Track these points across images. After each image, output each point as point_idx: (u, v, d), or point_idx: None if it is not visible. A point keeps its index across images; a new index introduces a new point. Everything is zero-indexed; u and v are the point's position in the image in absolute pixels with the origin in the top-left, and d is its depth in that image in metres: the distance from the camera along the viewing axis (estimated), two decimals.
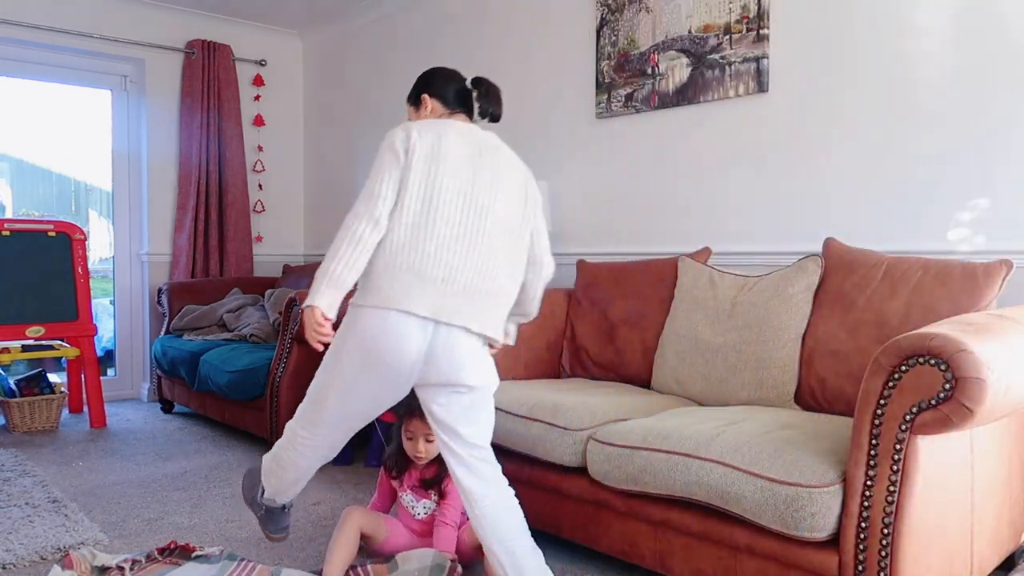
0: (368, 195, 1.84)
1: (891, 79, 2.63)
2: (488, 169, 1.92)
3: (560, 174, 3.69)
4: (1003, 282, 2.13)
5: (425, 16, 4.43)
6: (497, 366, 1.98)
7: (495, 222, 1.88)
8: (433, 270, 1.80)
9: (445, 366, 1.82)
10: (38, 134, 4.90)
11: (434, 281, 1.79)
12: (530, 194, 2.01)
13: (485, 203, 1.88)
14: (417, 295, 1.78)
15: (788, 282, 2.46)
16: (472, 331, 1.82)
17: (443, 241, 1.81)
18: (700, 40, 3.10)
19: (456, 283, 1.81)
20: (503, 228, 1.90)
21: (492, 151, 1.96)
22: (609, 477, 2.09)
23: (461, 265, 1.82)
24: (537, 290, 2.07)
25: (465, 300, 1.81)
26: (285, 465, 2.05)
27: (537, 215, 2.02)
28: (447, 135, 1.90)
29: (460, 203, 1.85)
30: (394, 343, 1.78)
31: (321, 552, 2.41)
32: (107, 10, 4.62)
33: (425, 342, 1.79)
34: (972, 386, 1.51)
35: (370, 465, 3.36)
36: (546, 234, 2.07)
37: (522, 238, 1.95)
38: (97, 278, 4.92)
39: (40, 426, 4.03)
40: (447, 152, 1.87)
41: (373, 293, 1.80)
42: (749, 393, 2.41)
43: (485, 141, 1.98)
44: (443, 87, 2.12)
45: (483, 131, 2.02)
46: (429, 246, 1.81)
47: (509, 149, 2.04)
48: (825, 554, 1.71)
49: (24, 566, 2.30)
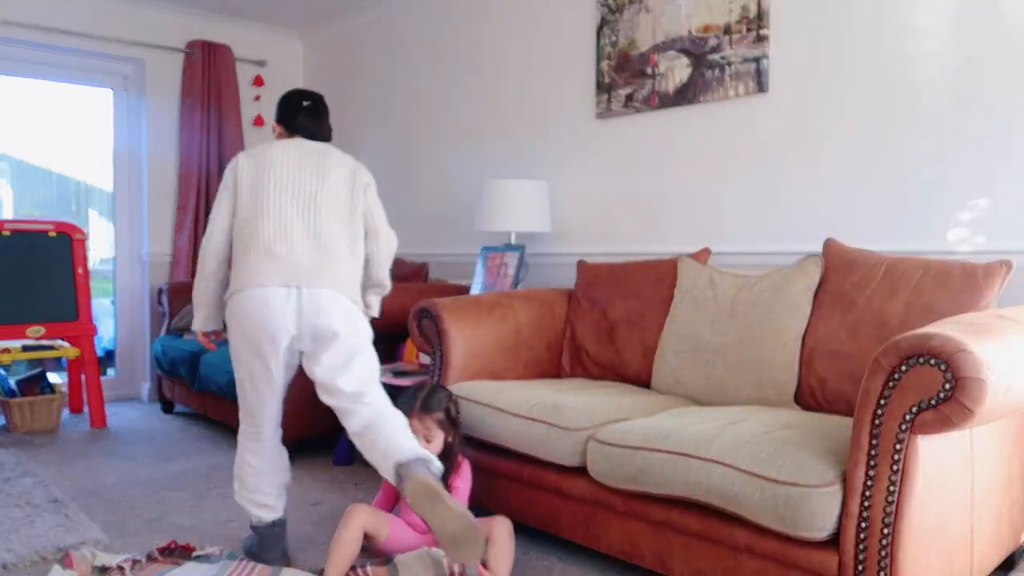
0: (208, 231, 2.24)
1: (891, 79, 2.63)
2: (312, 165, 2.24)
3: (560, 174, 3.69)
4: (1003, 282, 2.13)
5: (425, 16, 4.43)
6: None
7: (324, 202, 2.19)
8: (276, 246, 2.11)
9: (312, 318, 2.09)
10: (38, 134, 4.90)
11: (279, 255, 2.10)
12: (358, 179, 2.30)
13: (312, 189, 2.20)
14: (268, 270, 2.08)
15: (788, 282, 2.46)
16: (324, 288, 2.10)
17: (280, 222, 2.13)
18: (700, 40, 3.10)
19: (297, 253, 2.11)
20: (333, 206, 2.21)
21: (316, 153, 2.28)
22: (609, 477, 2.09)
23: (301, 239, 2.13)
24: (381, 258, 2.35)
25: (310, 266, 2.11)
26: (243, 467, 2.28)
27: (367, 195, 2.32)
28: (271, 150, 2.26)
29: (289, 192, 2.18)
30: (262, 313, 2.07)
31: (322, 552, 2.41)
32: (107, 10, 4.62)
33: (289, 304, 2.08)
34: (972, 386, 1.51)
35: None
36: (380, 210, 2.35)
37: (354, 213, 2.25)
38: (97, 278, 4.91)
39: (40, 426, 4.03)
40: (271, 161, 2.22)
41: (233, 281, 2.14)
42: (749, 393, 2.41)
43: (310, 147, 2.30)
44: (283, 113, 2.41)
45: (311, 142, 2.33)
46: (268, 229, 2.12)
47: (339, 152, 2.34)
48: (825, 554, 1.71)
49: (24, 566, 2.30)
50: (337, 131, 5.08)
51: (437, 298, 2.89)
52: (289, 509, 2.81)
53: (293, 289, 2.08)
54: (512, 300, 3.00)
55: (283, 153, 2.24)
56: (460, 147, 4.24)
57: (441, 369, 2.74)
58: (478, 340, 2.80)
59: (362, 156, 4.90)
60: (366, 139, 4.88)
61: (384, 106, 4.74)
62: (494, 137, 4.04)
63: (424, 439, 2.28)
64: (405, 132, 4.60)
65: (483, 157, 4.10)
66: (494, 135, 4.04)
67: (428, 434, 2.29)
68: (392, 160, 4.69)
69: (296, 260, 2.11)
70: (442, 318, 2.74)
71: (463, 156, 4.23)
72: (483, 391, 2.55)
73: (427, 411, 2.30)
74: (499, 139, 4.01)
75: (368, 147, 4.87)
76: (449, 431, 2.34)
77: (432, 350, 2.79)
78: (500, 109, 4.00)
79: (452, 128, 4.29)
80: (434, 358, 2.78)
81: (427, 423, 2.29)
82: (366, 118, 4.88)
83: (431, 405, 2.32)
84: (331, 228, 2.19)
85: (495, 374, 2.84)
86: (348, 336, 2.14)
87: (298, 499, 2.94)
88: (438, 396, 2.36)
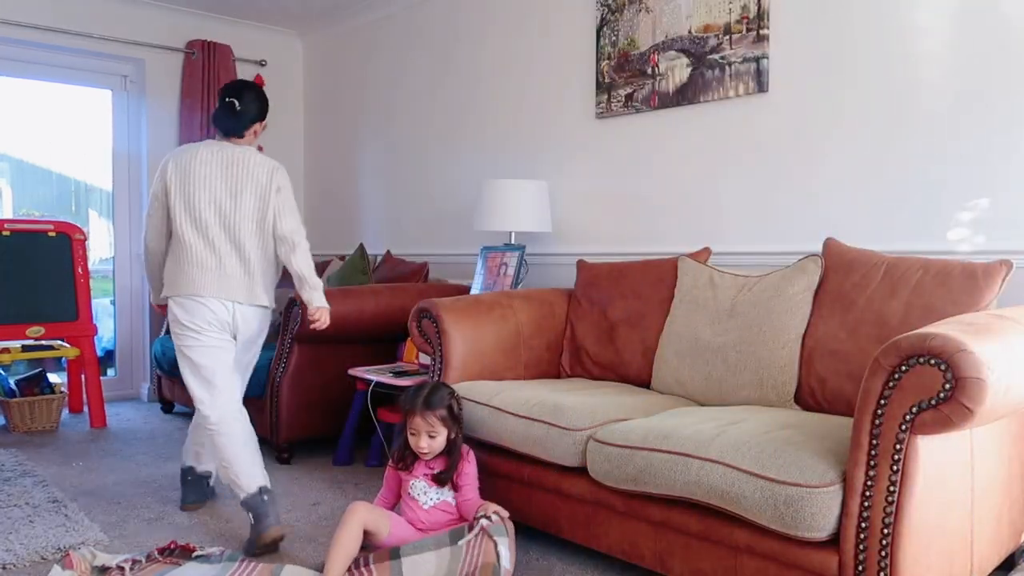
0: (146, 233, 2.68)
1: (891, 79, 2.63)
2: (232, 179, 2.58)
3: (560, 174, 3.69)
4: (1003, 282, 2.13)
5: (425, 16, 4.43)
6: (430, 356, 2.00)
7: (241, 218, 2.57)
8: (208, 261, 2.55)
9: (242, 327, 2.61)
10: (38, 134, 4.90)
11: (211, 269, 2.55)
12: (271, 188, 2.60)
13: (230, 206, 2.57)
14: (201, 283, 2.54)
15: (788, 282, 2.46)
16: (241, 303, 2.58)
17: (208, 239, 2.56)
18: (700, 40, 3.10)
19: (227, 270, 2.56)
20: (248, 223, 2.58)
21: (235, 165, 2.60)
22: (609, 477, 2.09)
23: (228, 254, 2.56)
24: (293, 264, 2.61)
25: (235, 281, 2.56)
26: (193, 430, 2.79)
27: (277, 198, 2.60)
28: (195, 160, 2.58)
29: (214, 211, 2.56)
30: (198, 319, 2.54)
31: (322, 551, 2.41)
32: (107, 10, 4.62)
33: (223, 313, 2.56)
34: (972, 386, 1.51)
35: (370, 465, 3.36)
36: (289, 215, 2.62)
37: (262, 225, 2.59)
38: (97, 278, 4.91)
39: (40, 426, 4.03)
40: (196, 175, 2.57)
41: (173, 286, 2.58)
42: (749, 393, 2.41)
43: (230, 158, 2.61)
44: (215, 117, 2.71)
45: (233, 146, 2.64)
46: (199, 244, 2.55)
47: (257, 155, 2.64)
48: (825, 554, 1.71)
49: (24, 566, 2.30)
50: (337, 131, 5.10)
51: (437, 298, 2.89)
52: (289, 509, 2.82)
53: (228, 303, 2.57)
54: (512, 300, 3.00)
55: (206, 165, 2.58)
56: (460, 147, 4.24)
57: (441, 369, 2.74)
58: (478, 340, 2.80)
59: (362, 156, 4.91)
60: (366, 139, 4.88)
61: (384, 106, 4.74)
62: (494, 137, 4.04)
63: (428, 435, 2.29)
64: (405, 132, 4.60)
65: (483, 157, 4.10)
66: (494, 135, 4.04)
67: (432, 431, 2.30)
68: (392, 160, 4.69)
69: (227, 276, 2.56)
70: (442, 318, 2.74)
71: (463, 156, 4.23)
72: (483, 391, 2.55)
73: (430, 408, 2.31)
74: (499, 139, 4.01)
75: (368, 147, 4.87)
76: (452, 427, 2.34)
77: (432, 350, 2.79)
78: (500, 109, 4.00)
79: (452, 128, 4.29)
80: (434, 358, 2.78)
81: (431, 420, 2.30)
82: (366, 118, 4.88)
83: (434, 402, 2.32)
84: (250, 244, 2.59)
85: (495, 374, 2.84)
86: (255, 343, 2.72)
87: (298, 499, 2.94)
88: (440, 393, 2.36)
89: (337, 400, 3.51)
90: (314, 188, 5.38)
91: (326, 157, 5.25)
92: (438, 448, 2.31)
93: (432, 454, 2.32)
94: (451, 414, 2.34)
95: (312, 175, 5.40)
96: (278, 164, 2.67)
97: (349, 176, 5.04)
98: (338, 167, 5.14)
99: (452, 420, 2.34)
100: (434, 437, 2.30)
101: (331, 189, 5.21)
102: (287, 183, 2.65)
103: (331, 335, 3.41)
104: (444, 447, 2.33)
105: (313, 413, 3.48)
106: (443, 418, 2.32)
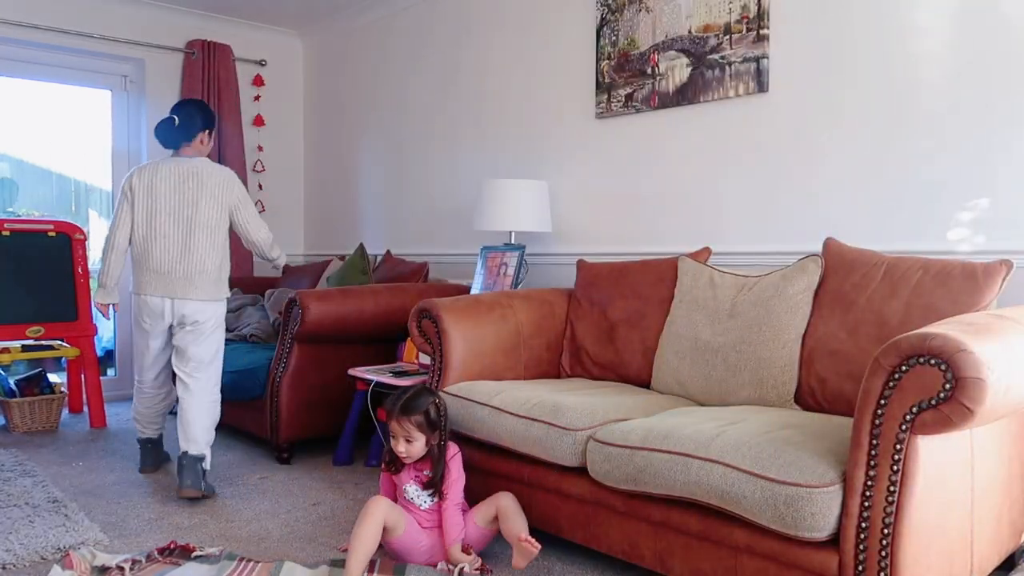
0: (111, 238, 3.05)
1: (891, 79, 2.63)
2: (189, 191, 2.98)
3: (560, 174, 3.69)
4: (1003, 282, 2.13)
5: (425, 16, 4.43)
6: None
7: (197, 225, 2.97)
8: (161, 267, 2.97)
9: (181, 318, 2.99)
10: (38, 134, 4.89)
11: (163, 274, 2.97)
12: (227, 199, 3.03)
13: (188, 214, 2.97)
14: (154, 285, 2.98)
15: (788, 282, 2.46)
16: (191, 299, 2.96)
17: (164, 247, 2.96)
18: (700, 40, 3.10)
19: (176, 273, 2.96)
20: (205, 230, 2.99)
21: (192, 178, 2.99)
22: (609, 477, 2.09)
23: (179, 261, 2.96)
24: (268, 259, 3.24)
25: (185, 282, 2.96)
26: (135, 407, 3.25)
27: (243, 217, 3.08)
28: (156, 176, 2.99)
29: (171, 220, 2.96)
30: (148, 315, 3.02)
31: (321, 552, 2.41)
32: (107, 10, 4.62)
33: (168, 309, 2.98)
34: (972, 386, 1.51)
35: (370, 465, 3.36)
36: (256, 227, 3.12)
37: (217, 231, 3.02)
38: (97, 278, 4.91)
39: (40, 426, 4.03)
40: (157, 188, 2.98)
41: (135, 285, 3.04)
42: (749, 393, 2.41)
43: (188, 170, 3.00)
44: (158, 134, 3.08)
45: (190, 160, 3.03)
46: (156, 251, 2.97)
47: (213, 168, 3.04)
48: (825, 554, 1.71)
49: (24, 566, 2.30)
50: (337, 131, 5.10)
51: (437, 298, 2.89)
52: (289, 509, 2.82)
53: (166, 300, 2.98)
54: (512, 300, 3.00)
55: (165, 181, 2.98)
56: (460, 147, 4.24)
57: (441, 369, 2.74)
58: (478, 340, 2.80)
59: (362, 156, 4.91)
60: (366, 139, 4.88)
61: (384, 106, 4.74)
62: (494, 137, 4.04)
63: (404, 440, 2.28)
64: (405, 132, 4.60)
65: (483, 157, 4.10)
66: (494, 135, 4.04)
67: (408, 436, 2.28)
68: (392, 160, 4.69)
69: (174, 278, 2.96)
70: (442, 318, 2.74)
71: (463, 156, 4.23)
72: (483, 391, 2.54)
73: (405, 414, 2.28)
74: (499, 139, 4.01)
75: (368, 147, 4.87)
76: (430, 434, 2.31)
77: (432, 350, 2.79)
78: (500, 109, 4.00)
79: (452, 128, 4.29)
80: (434, 358, 2.78)
81: (406, 426, 2.27)
82: (366, 118, 4.88)
83: (410, 408, 2.28)
84: (201, 250, 2.98)
85: (495, 374, 2.84)
86: (204, 322, 3.01)
87: (298, 499, 2.94)
88: (420, 400, 2.31)
89: (337, 400, 3.51)
90: (314, 188, 5.38)
91: (326, 157, 5.25)
92: (416, 453, 2.30)
93: (412, 458, 2.31)
94: (428, 420, 2.30)
95: (312, 175, 5.40)
96: (229, 174, 3.08)
97: (349, 176, 5.04)
98: (338, 167, 5.14)
99: (429, 427, 2.31)
100: (411, 442, 2.29)
101: (331, 189, 5.21)
102: (242, 192, 3.10)
103: (331, 335, 3.41)
104: (425, 452, 2.32)
105: (313, 413, 3.48)
106: (419, 424, 2.28)
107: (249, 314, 4.39)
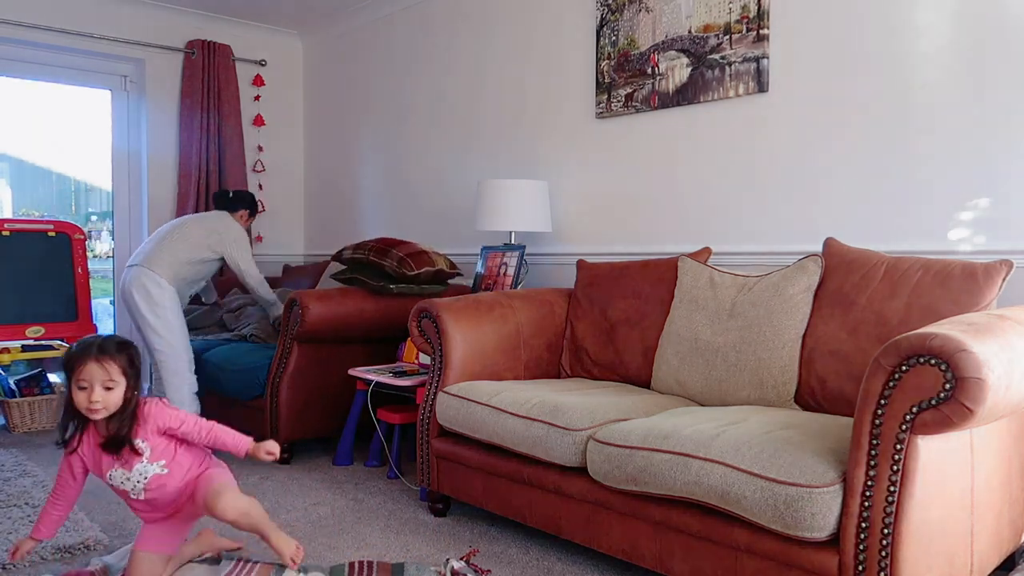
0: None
1: (891, 79, 2.63)
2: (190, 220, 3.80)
3: (560, 174, 3.69)
4: (1003, 282, 2.13)
5: (425, 16, 4.43)
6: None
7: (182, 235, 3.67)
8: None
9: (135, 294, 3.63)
10: (38, 134, 4.89)
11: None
12: (214, 239, 3.72)
13: (176, 223, 3.76)
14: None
15: (788, 282, 2.46)
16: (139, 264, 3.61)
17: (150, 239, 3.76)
18: (700, 40, 3.10)
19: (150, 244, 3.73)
20: (184, 240, 3.66)
21: (197, 220, 3.81)
22: (609, 477, 2.09)
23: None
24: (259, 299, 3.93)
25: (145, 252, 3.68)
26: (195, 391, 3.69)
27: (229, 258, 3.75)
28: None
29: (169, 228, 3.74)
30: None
31: (320, 552, 2.41)
32: (107, 10, 4.62)
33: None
34: (972, 386, 1.51)
35: (370, 465, 3.36)
36: (242, 268, 3.75)
37: (200, 245, 3.69)
38: (97, 278, 4.91)
39: (40, 426, 4.03)
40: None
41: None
42: (749, 393, 2.41)
43: (198, 216, 3.90)
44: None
45: (208, 214, 3.97)
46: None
47: (217, 222, 3.80)
48: (825, 554, 1.71)
49: (24, 566, 2.30)
50: (337, 131, 5.10)
51: (437, 298, 2.89)
52: (289, 509, 2.81)
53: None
54: (512, 300, 3.00)
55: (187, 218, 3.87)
56: (460, 147, 4.24)
57: (441, 369, 2.74)
58: (478, 340, 2.80)
59: (362, 156, 4.91)
60: (366, 139, 4.88)
61: (384, 105, 4.73)
62: (494, 137, 4.04)
63: (104, 387, 1.95)
64: (405, 131, 4.60)
65: (483, 157, 4.10)
66: (494, 135, 4.04)
67: (108, 380, 1.95)
68: (392, 159, 4.69)
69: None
70: (442, 318, 2.74)
71: (463, 156, 4.23)
72: (483, 391, 2.54)
73: (106, 354, 1.96)
74: (499, 139, 4.01)
75: (368, 147, 4.87)
76: (133, 382, 2.01)
77: (432, 350, 2.79)
78: (500, 109, 4.00)
79: (452, 128, 4.29)
80: (434, 358, 2.78)
81: (109, 367, 1.95)
82: (366, 117, 4.88)
83: (110, 348, 1.98)
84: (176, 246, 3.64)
85: (495, 374, 2.84)
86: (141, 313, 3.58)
87: (297, 499, 2.94)
88: (117, 340, 2.04)
89: (337, 400, 3.51)
90: (314, 188, 5.38)
91: (326, 157, 5.25)
92: (113, 405, 1.96)
93: (108, 411, 1.96)
94: (132, 364, 2.02)
95: (312, 175, 5.39)
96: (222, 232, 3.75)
97: (349, 176, 5.04)
98: (338, 167, 5.14)
99: (133, 371, 2.01)
100: (111, 389, 1.95)
101: (331, 189, 5.21)
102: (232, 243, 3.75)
103: (331, 335, 3.41)
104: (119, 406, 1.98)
105: (313, 413, 3.48)
106: (123, 368, 1.98)
107: (249, 314, 4.39)
